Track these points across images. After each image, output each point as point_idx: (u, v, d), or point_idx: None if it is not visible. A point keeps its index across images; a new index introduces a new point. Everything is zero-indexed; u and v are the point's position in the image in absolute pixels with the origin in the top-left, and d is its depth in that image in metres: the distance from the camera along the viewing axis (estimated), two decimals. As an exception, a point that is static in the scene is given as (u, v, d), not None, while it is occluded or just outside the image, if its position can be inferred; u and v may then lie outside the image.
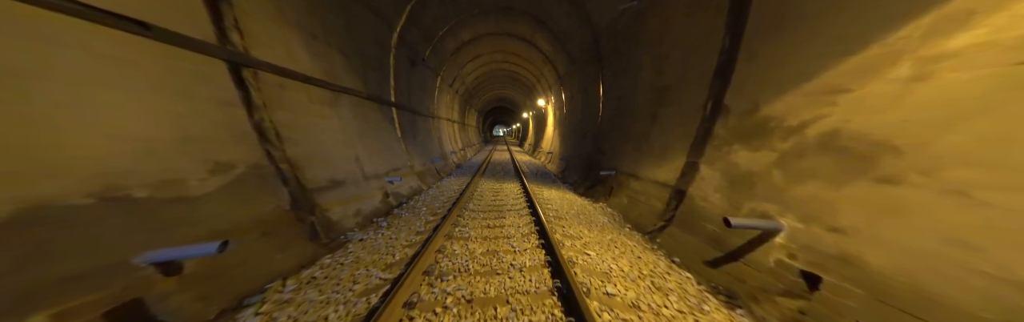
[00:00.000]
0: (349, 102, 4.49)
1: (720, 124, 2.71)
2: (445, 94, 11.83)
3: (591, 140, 7.54)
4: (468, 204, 5.18)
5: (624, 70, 5.56)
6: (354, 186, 4.05)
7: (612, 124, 6.28)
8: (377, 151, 5.30)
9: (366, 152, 4.78)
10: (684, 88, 3.42)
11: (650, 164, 4.08)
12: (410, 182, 6.44)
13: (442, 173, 9.15)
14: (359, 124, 4.75)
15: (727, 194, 2.54)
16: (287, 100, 3.05)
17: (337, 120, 4.08)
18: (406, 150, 6.96)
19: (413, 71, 8.00)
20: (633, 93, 5.18)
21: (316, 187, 3.22)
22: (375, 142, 5.29)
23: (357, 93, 4.74)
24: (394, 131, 6.53)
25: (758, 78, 2.45)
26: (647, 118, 4.51)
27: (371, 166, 4.80)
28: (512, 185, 7.34)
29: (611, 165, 5.82)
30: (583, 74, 8.38)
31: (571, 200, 5.67)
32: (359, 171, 4.35)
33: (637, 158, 4.63)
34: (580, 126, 8.93)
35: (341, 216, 3.49)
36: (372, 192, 4.51)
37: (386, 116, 6.16)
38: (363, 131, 4.87)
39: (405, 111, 7.45)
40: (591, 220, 4.05)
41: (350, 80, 4.54)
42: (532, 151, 18.17)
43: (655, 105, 4.22)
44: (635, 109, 5.06)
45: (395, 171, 5.89)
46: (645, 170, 4.20)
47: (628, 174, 4.80)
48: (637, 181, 4.37)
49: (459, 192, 6.28)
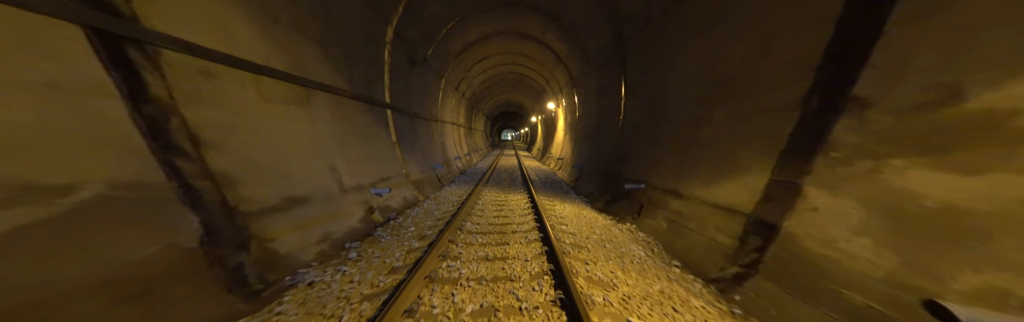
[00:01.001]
0: (327, 101, 3.70)
1: (845, 126, 1.73)
2: (450, 97, 11.10)
3: (610, 147, 6.58)
4: (465, 223, 4.28)
5: (656, 65, 4.64)
6: (324, 203, 3.22)
7: (638, 129, 5.32)
8: (363, 159, 4.49)
9: (346, 161, 3.97)
10: (759, 80, 2.46)
11: (701, 179, 3.11)
12: (404, 193, 5.60)
13: (444, 180, 8.31)
14: (339, 128, 3.95)
15: (893, 244, 1.55)
16: (219, 94, 2.25)
17: (307, 123, 3.28)
18: (401, 157, 6.14)
19: (413, 71, 7.26)
20: (669, 92, 4.25)
21: (258, 209, 2.39)
22: (360, 148, 4.49)
23: (338, 91, 3.96)
24: (387, 135, 5.73)
25: (953, 47, 1.44)
26: (691, 121, 3.55)
27: (352, 177, 3.97)
28: (519, 197, 6.42)
29: (638, 177, 4.84)
30: (600, 74, 7.49)
31: (590, 219, 4.70)
32: (334, 184, 3.52)
33: (678, 170, 3.66)
34: (595, 131, 7.99)
35: (296, 246, 2.63)
36: (350, 209, 3.67)
37: (378, 119, 5.38)
38: (344, 136, 4.07)
39: (403, 114, 6.68)
40: (623, 252, 3.08)
41: (328, 76, 3.77)
42: (540, 156, 17.25)
43: (705, 105, 3.27)
44: (672, 110, 4.11)
45: (385, 181, 5.05)
46: (693, 187, 3.23)
47: (665, 190, 3.83)
48: (680, 201, 3.38)
49: (458, 205, 5.39)
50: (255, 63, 2.59)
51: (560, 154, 12.22)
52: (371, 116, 5.09)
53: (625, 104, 6.01)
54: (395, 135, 6.04)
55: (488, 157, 19.03)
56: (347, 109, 4.23)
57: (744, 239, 2.21)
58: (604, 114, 7.37)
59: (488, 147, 26.17)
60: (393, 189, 5.17)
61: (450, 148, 11.06)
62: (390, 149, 5.70)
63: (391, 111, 5.96)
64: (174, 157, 1.84)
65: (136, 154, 1.66)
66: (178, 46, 1.93)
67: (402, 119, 6.66)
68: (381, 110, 5.55)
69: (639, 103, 5.30)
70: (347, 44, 4.24)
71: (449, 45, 8.43)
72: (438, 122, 9.87)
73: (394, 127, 6.05)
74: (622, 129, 6.10)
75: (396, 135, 6.10)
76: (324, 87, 3.63)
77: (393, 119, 6.04)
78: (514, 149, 28.55)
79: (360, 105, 4.66)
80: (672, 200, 3.54)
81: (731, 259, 2.25)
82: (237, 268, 2.03)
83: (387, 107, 5.77)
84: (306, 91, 3.30)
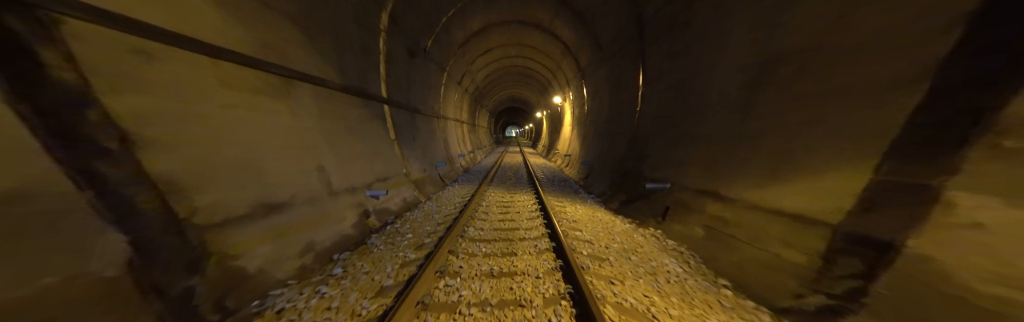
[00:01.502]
0: (312, 94, 3.26)
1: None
2: (452, 92, 10.61)
3: (625, 142, 6.06)
4: (468, 228, 3.84)
5: (684, 47, 4.09)
6: (308, 208, 2.81)
7: (659, 121, 4.79)
8: (357, 158, 4.06)
9: (337, 160, 3.54)
10: (848, 49, 1.86)
11: (751, 179, 2.61)
12: (404, 193, 5.19)
13: (446, 179, 7.89)
14: (328, 123, 3.52)
15: None
16: (163, 79, 1.82)
17: (288, 116, 2.85)
18: (401, 155, 5.72)
19: (413, 64, 6.79)
20: (700, 77, 3.71)
21: (220, 220, 1.97)
22: (354, 146, 4.06)
23: (325, 83, 3.51)
24: (385, 132, 5.30)
25: None
26: (732, 110, 3.03)
27: (344, 178, 3.55)
28: (525, 197, 5.97)
29: (661, 175, 4.34)
30: (614, 63, 6.92)
31: (607, 223, 4.23)
32: (322, 186, 3.10)
33: (715, 168, 3.16)
34: (607, 125, 7.45)
35: (270, 261, 2.23)
36: (340, 213, 3.26)
37: (374, 114, 4.94)
38: (335, 132, 3.64)
39: (402, 109, 6.23)
40: (655, 267, 2.62)
41: (313, 64, 3.32)
42: (546, 153, 16.75)
43: (753, 89, 2.74)
44: (705, 99, 3.58)
45: (383, 181, 4.64)
46: (740, 188, 2.72)
47: (699, 191, 3.33)
48: (721, 204, 2.89)
49: (461, 207, 4.96)
50: (213, 45, 2.15)
51: (567, 150, 11.71)
52: (366, 111, 4.65)
53: (643, 95, 5.47)
54: (394, 132, 5.61)
55: (492, 154, 18.59)
56: (337, 103, 3.79)
57: (831, 259, 1.70)
58: (617, 107, 6.83)
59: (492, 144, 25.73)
60: (392, 190, 4.76)
61: (453, 145, 10.63)
62: (388, 147, 5.27)
63: (388, 106, 5.51)
64: (89, 159, 1.42)
65: (23, 156, 1.24)
66: (93, 16, 1.48)
67: (401, 115, 6.21)
68: (377, 105, 5.10)
69: (661, 92, 4.76)
70: (335, 29, 3.77)
71: (451, 36, 7.91)
72: (440, 118, 9.42)
73: (392, 123, 5.61)
74: (639, 122, 5.57)
75: (395, 132, 5.67)
76: (308, 77, 3.18)
77: (391, 115, 5.60)
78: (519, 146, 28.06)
79: (353, 99, 4.22)
80: (709, 203, 3.05)
81: (811, 284, 1.75)
82: (183, 296, 1.62)
83: (384, 102, 5.32)
84: (285, 81, 2.85)
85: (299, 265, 2.44)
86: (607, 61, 7.31)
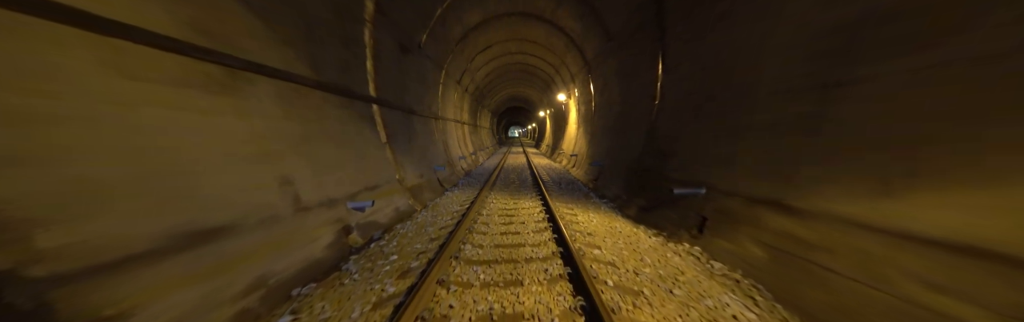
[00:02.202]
0: (272, 90, 2.67)
1: None
2: (451, 91, 10.02)
3: (641, 139, 5.39)
4: (464, 246, 3.22)
5: (722, 20, 3.40)
6: (263, 231, 2.22)
7: (686, 114, 4.11)
8: (338, 164, 3.47)
9: (310, 168, 2.95)
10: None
11: (842, 186, 1.93)
12: (396, 202, 4.59)
13: (446, 184, 7.30)
14: (297, 126, 2.92)
15: None
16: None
17: (233, 117, 2.25)
18: (393, 159, 5.13)
19: (407, 61, 6.20)
20: (745, 54, 3.03)
21: (90, 265, 1.38)
22: (335, 151, 3.47)
23: (293, 78, 2.92)
24: (375, 135, 4.71)
25: None
26: (799, 92, 2.35)
27: (319, 189, 2.96)
28: (530, 203, 5.34)
29: (691, 178, 3.66)
30: (625, 52, 6.24)
31: (628, 235, 3.57)
32: (286, 201, 2.51)
33: (775, 169, 2.49)
34: (619, 121, 6.78)
35: (188, 311, 1.63)
36: (311, 232, 2.66)
37: (361, 115, 4.35)
38: (307, 137, 3.04)
39: (394, 110, 5.64)
40: (712, 307, 1.96)
41: (274, 55, 2.73)
42: (550, 153, 16.09)
43: (836, 62, 2.05)
44: (754, 81, 2.90)
45: (371, 191, 4.05)
46: (823, 198, 2.04)
47: (752, 199, 2.66)
48: (793, 218, 2.22)
49: (459, 217, 4.34)
50: (106, 18, 1.56)
51: (573, 150, 11.03)
52: (350, 112, 4.06)
53: (662, 85, 4.79)
54: (385, 134, 5.02)
55: (495, 155, 17.99)
56: (311, 102, 3.19)
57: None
58: (630, 100, 6.15)
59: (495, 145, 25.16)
60: (381, 200, 4.17)
61: (453, 147, 10.04)
62: (378, 151, 4.68)
63: (378, 106, 4.92)
64: None
65: None
66: None
67: (394, 116, 5.63)
68: (365, 105, 4.52)
69: (686, 80, 4.07)
70: (305, 15, 3.18)
71: (447, 30, 7.31)
72: (439, 119, 8.83)
73: (383, 125, 5.02)
74: (658, 116, 4.89)
75: (386, 134, 5.08)
76: (266, 70, 2.59)
77: (382, 115, 5.01)
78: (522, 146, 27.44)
79: (332, 98, 3.62)
80: (770, 215, 2.38)
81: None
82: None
83: (373, 101, 4.73)
84: (229, 73, 2.26)
85: (237, 311, 1.84)
86: (617, 51, 6.64)
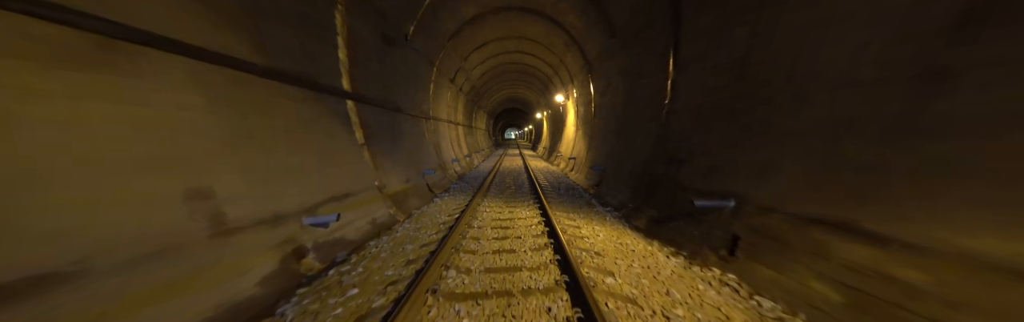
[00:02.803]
0: (188, 74, 2.02)
1: None
2: (445, 90, 9.39)
3: (649, 142, 4.81)
4: (448, 270, 2.57)
5: (760, 7, 2.82)
6: (147, 269, 1.56)
7: (704, 116, 3.53)
8: (293, 170, 2.81)
9: (247, 176, 2.29)
10: None
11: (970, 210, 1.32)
12: (374, 212, 3.93)
13: (436, 189, 6.64)
14: (230, 122, 2.27)
15: None
16: None
17: (110, 104, 1.60)
18: (372, 163, 4.47)
19: (392, 54, 5.57)
20: (790, 46, 2.46)
21: None
22: (287, 155, 2.81)
23: (224, 60, 2.27)
24: (350, 135, 4.06)
25: None
26: (877, 90, 1.76)
27: (259, 203, 2.30)
28: (528, 212, 4.71)
29: (716, 188, 3.07)
30: (631, 49, 5.68)
31: (643, 255, 2.96)
32: (199, 221, 1.85)
33: (842, 183, 1.88)
34: (622, 124, 6.20)
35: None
36: (240, 262, 2.00)
37: (330, 111, 3.69)
38: (246, 135, 2.39)
39: (376, 107, 5.00)
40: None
41: (191, 26, 2.08)
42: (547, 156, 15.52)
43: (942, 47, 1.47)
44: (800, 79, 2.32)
45: (340, 200, 3.38)
46: (945, 225, 1.43)
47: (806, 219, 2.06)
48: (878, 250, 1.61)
49: (446, 229, 3.69)
50: None
51: (571, 153, 10.45)
52: (316, 107, 3.40)
53: (674, 83, 4.22)
54: (363, 134, 4.37)
55: (491, 157, 17.36)
56: (254, 92, 2.54)
57: None
58: (636, 101, 5.58)
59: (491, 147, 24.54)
60: (352, 211, 3.51)
61: (446, 149, 9.39)
62: (353, 154, 4.02)
63: (355, 102, 4.27)
64: None
65: None
66: None
67: (376, 114, 4.98)
68: (336, 100, 3.87)
69: (707, 76, 3.49)
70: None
71: (439, 23, 6.70)
72: (431, 119, 8.18)
73: (361, 124, 4.37)
74: (669, 118, 4.31)
75: (364, 134, 4.43)
76: (177, 45, 1.93)
77: (359, 113, 4.36)
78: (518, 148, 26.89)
79: (289, 89, 2.97)
80: (838, 241, 1.77)
81: None
82: None
83: (347, 96, 4.09)
84: (100, 43, 1.60)
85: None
86: (621, 48, 6.08)
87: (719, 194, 3.00)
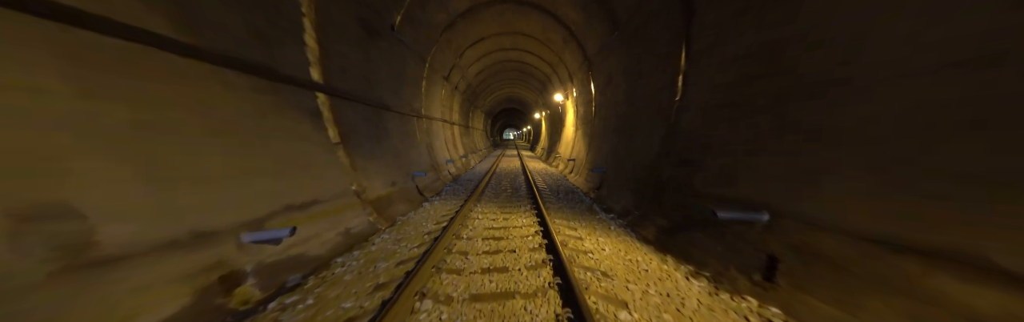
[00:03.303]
0: (71, 48, 1.47)
1: None
2: (438, 88, 8.84)
3: (656, 143, 4.28)
4: (423, 302, 2.02)
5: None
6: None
7: (723, 113, 3.01)
8: (232, 175, 2.25)
9: (151, 186, 1.73)
10: None
11: None
12: (347, 222, 3.37)
13: (427, 192, 6.08)
14: (136, 115, 1.72)
15: None
16: None
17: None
18: (350, 165, 3.91)
19: (376, 45, 5.02)
20: (839, 29, 1.94)
21: None
22: (222, 156, 2.24)
23: (129, 33, 1.72)
24: (320, 133, 3.50)
25: None
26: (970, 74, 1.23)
27: (167, 217, 1.74)
28: (525, 220, 4.16)
29: (742, 196, 2.54)
30: (637, 42, 5.17)
31: (659, 276, 2.42)
32: (41, 253, 1.30)
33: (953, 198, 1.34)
34: (625, 123, 5.68)
35: None
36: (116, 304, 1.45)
37: (293, 105, 3.13)
38: (160, 130, 1.83)
39: (356, 102, 4.44)
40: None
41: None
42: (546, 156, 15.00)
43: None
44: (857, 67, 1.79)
45: (303, 209, 2.82)
46: None
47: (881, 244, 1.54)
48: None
49: (429, 243, 3.12)
50: None
51: (570, 154, 9.93)
52: (273, 99, 2.84)
53: (688, 76, 3.69)
54: (337, 133, 3.81)
55: (488, 158, 16.82)
56: (170, 75, 1.98)
57: None
58: (640, 98, 5.06)
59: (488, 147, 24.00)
60: (318, 222, 2.95)
61: (440, 150, 8.83)
62: (324, 155, 3.46)
63: (328, 96, 3.72)
64: None
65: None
66: None
67: (356, 111, 4.42)
68: (305, 93, 3.31)
69: (728, 68, 2.96)
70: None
71: (429, 16, 6.16)
72: (423, 118, 7.63)
73: (336, 121, 3.81)
74: (679, 116, 3.79)
75: (340, 133, 3.87)
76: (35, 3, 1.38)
77: (334, 109, 3.80)
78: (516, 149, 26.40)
79: (231, 76, 2.41)
80: (951, 281, 1.24)
81: None
82: None
83: (318, 89, 3.53)
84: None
85: None
86: (624, 43, 5.56)
87: (744, 203, 2.47)
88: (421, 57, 6.92)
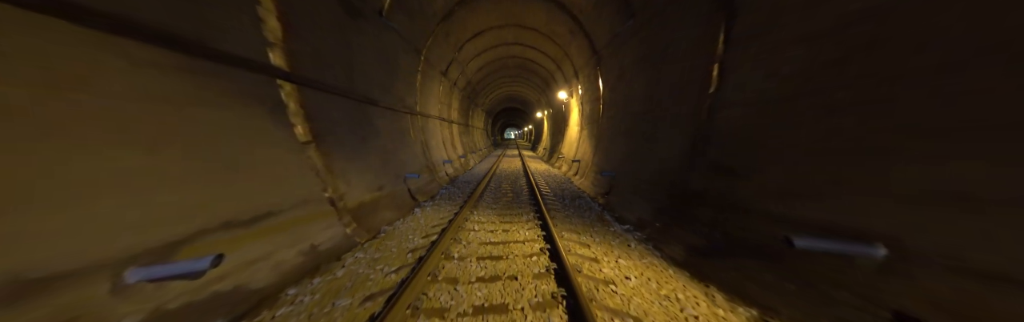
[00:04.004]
0: None
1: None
2: (434, 83, 8.16)
3: (684, 147, 3.60)
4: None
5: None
6: None
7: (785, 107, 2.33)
8: (121, 183, 1.60)
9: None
10: None
11: None
12: (312, 237, 2.71)
13: (420, 196, 5.42)
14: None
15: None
16: None
17: None
18: (324, 167, 3.25)
19: (360, 29, 4.35)
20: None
21: None
22: (105, 161, 1.59)
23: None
24: (282, 129, 2.83)
25: None
26: None
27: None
28: (528, 233, 3.49)
29: (821, 215, 1.86)
30: (655, 29, 4.48)
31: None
32: None
33: None
34: (641, 122, 5.00)
35: None
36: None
37: (241, 92, 2.46)
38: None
39: (334, 95, 3.77)
40: None
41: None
42: (548, 157, 14.35)
43: None
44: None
45: (247, 225, 2.15)
46: None
47: None
48: None
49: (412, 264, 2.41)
50: None
51: (575, 155, 9.26)
52: (211, 84, 2.17)
53: (725, 64, 3.01)
54: (307, 129, 3.14)
55: (488, 158, 16.17)
56: (15, 38, 1.32)
57: None
58: (660, 93, 4.37)
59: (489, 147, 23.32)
60: (272, 238, 2.29)
61: (436, 149, 8.16)
62: (286, 155, 2.79)
63: (295, 86, 3.05)
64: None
65: None
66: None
67: (334, 104, 3.76)
68: (263, 80, 2.64)
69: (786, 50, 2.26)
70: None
71: (422, 2, 5.47)
72: (418, 115, 6.96)
73: (306, 116, 3.14)
74: (714, 111, 3.11)
75: (311, 130, 3.19)
76: None
77: (303, 101, 3.13)
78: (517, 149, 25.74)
79: (136, 50, 1.75)
80: None
81: None
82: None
83: (281, 76, 2.86)
84: None
85: None
86: (639, 32, 4.88)
87: (827, 228, 1.80)
88: (415, 48, 6.24)
